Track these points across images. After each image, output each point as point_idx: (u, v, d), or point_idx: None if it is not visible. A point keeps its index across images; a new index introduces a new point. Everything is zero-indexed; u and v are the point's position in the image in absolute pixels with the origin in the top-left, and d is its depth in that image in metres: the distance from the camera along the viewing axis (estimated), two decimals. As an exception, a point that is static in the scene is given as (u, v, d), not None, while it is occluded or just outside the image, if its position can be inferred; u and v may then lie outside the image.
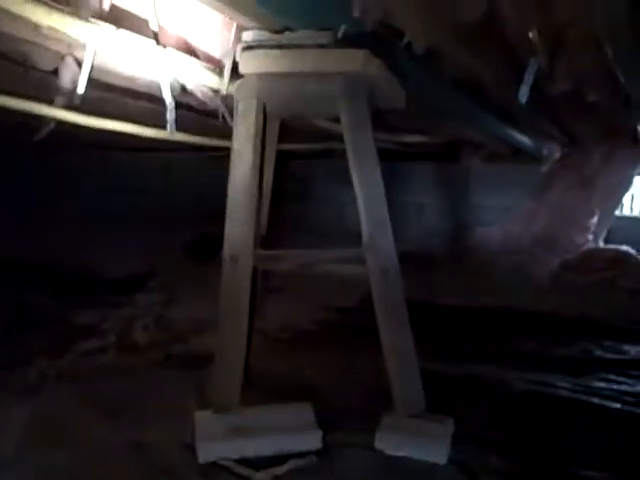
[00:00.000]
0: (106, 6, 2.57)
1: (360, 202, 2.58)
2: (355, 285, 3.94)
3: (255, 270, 2.75)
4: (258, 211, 2.74)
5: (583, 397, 3.23)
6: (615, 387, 3.38)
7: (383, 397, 2.65)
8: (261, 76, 2.56)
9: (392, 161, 6.41)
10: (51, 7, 2.40)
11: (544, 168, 6.56)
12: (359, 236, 2.64)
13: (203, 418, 2.58)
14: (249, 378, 2.83)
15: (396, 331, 2.60)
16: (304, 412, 2.66)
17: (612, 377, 3.52)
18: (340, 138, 2.71)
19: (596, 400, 3.20)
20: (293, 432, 2.54)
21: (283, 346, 3.96)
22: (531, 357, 3.84)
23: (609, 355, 3.97)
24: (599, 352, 4.01)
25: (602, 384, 3.42)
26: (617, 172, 6.25)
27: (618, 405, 3.15)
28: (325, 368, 3.52)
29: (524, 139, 5.71)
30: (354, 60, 2.49)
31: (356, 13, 2.42)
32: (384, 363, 2.62)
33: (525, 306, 4.88)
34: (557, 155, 6.60)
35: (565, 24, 2.63)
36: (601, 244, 6.31)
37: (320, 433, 2.53)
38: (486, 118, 4.58)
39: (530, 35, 2.58)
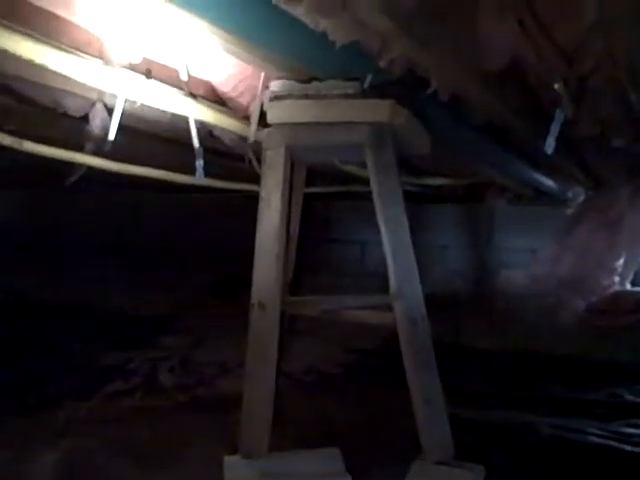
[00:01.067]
0: (137, 59, 2.63)
1: (387, 250, 2.59)
2: (380, 327, 3.95)
3: (282, 314, 2.77)
4: (286, 257, 2.76)
5: (614, 444, 3.19)
6: (647, 434, 3.34)
7: (411, 441, 2.64)
8: (289, 126, 2.60)
9: (416, 203, 6.44)
10: (83, 59, 2.47)
11: (569, 211, 6.54)
12: (382, 276, 2.65)
13: (232, 463, 2.58)
14: (275, 422, 2.83)
15: (425, 379, 2.59)
16: (333, 458, 2.65)
17: (643, 423, 3.48)
18: (365, 181, 2.73)
19: (628, 447, 3.16)
20: (322, 478, 2.54)
21: (308, 389, 3.96)
22: (559, 402, 3.80)
23: (639, 400, 3.92)
24: (629, 397, 3.96)
25: (633, 430, 3.37)
26: (643, 214, 6.23)
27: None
28: (351, 412, 3.51)
29: (549, 182, 5.70)
30: (381, 110, 2.53)
31: (382, 64, 2.46)
32: (411, 406, 2.62)
33: (552, 349, 4.84)
34: (582, 198, 6.59)
35: (589, 73, 2.66)
36: (628, 286, 6.26)
37: (349, 479, 2.52)
38: (510, 162, 4.59)
39: (556, 86, 2.60)
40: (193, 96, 2.90)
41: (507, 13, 2.29)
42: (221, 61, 2.79)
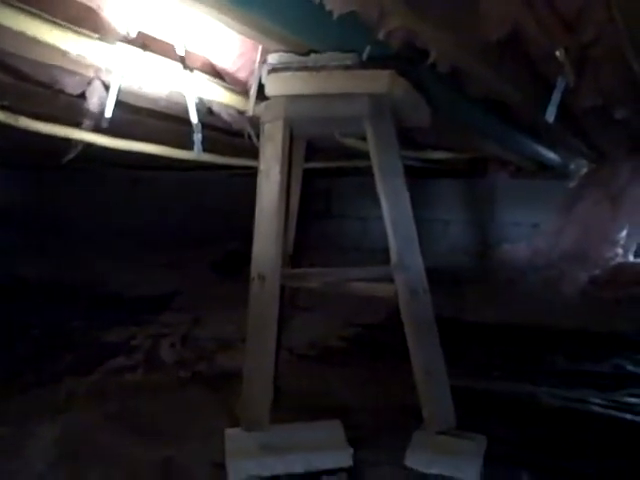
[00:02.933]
0: (133, 32, 2.61)
1: (387, 222, 2.58)
2: (382, 301, 3.96)
3: (283, 288, 2.78)
4: (285, 230, 2.75)
5: (616, 413, 3.20)
6: (647, 402, 3.35)
7: (413, 414, 2.65)
8: (287, 98, 2.59)
9: (418, 178, 6.42)
10: (79, 33, 2.45)
11: (572, 183, 6.53)
12: (384, 251, 2.65)
13: (233, 436, 2.59)
14: (278, 396, 2.84)
15: (426, 350, 2.60)
16: (334, 430, 2.66)
17: (644, 393, 3.48)
18: (365, 155, 2.72)
19: (629, 416, 3.17)
20: (324, 450, 2.54)
21: (311, 363, 3.97)
22: (562, 373, 3.81)
23: (640, 370, 3.93)
24: (630, 367, 3.97)
25: (635, 400, 3.38)
26: (645, 186, 6.21)
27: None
28: (354, 385, 3.52)
29: (551, 155, 5.69)
30: (379, 81, 2.51)
31: (380, 35, 2.44)
32: (413, 380, 2.62)
33: (554, 322, 4.85)
34: (584, 170, 6.57)
35: (591, 42, 2.63)
36: (631, 258, 6.27)
37: (351, 451, 2.52)
38: (512, 135, 4.57)
39: (557, 54, 2.58)
40: (190, 71, 2.88)
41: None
42: (218, 35, 2.77)
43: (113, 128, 3.58)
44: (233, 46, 2.87)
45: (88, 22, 2.57)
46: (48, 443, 2.72)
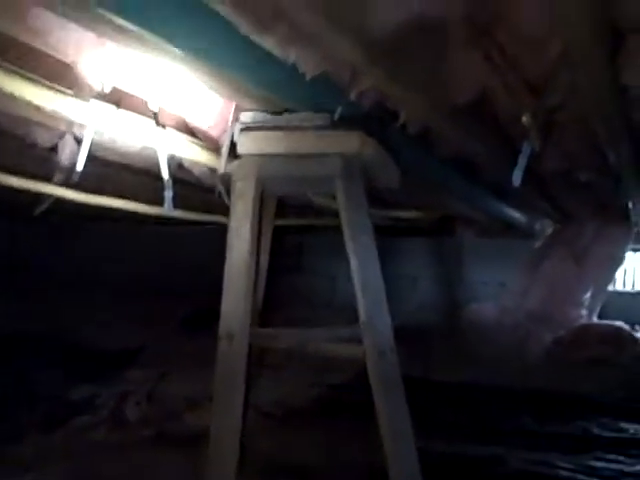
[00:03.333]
0: (107, 88, 2.63)
1: (356, 281, 2.58)
2: (349, 361, 3.94)
3: (251, 347, 2.75)
4: (255, 288, 2.74)
5: (583, 478, 3.19)
6: (614, 467, 3.34)
7: (377, 478, 2.62)
8: (259, 157, 2.60)
9: (386, 236, 6.46)
10: (54, 90, 2.46)
11: (537, 243, 6.61)
12: (353, 309, 2.64)
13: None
14: (243, 455, 2.79)
15: (393, 412, 2.57)
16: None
17: (611, 456, 3.48)
18: (335, 213, 2.73)
19: (596, 481, 3.17)
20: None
21: (275, 423, 3.92)
22: (528, 435, 3.80)
23: (606, 434, 3.93)
24: (596, 430, 3.97)
25: (601, 464, 3.37)
26: (609, 247, 6.29)
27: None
28: (317, 447, 3.48)
29: (517, 215, 5.77)
30: (350, 141, 2.54)
31: (352, 96, 2.48)
32: (378, 442, 2.59)
33: (520, 383, 4.85)
34: (550, 230, 6.66)
35: (557, 106, 2.69)
36: (595, 319, 6.31)
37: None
38: (480, 195, 4.64)
39: (523, 119, 2.63)
40: (163, 127, 2.90)
41: (475, 47, 2.32)
42: (192, 93, 2.80)
43: (84, 182, 3.58)
44: (206, 104, 2.90)
45: (63, 77, 2.59)
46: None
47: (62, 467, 3.06)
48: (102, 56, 2.42)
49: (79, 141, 3.16)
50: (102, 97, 2.67)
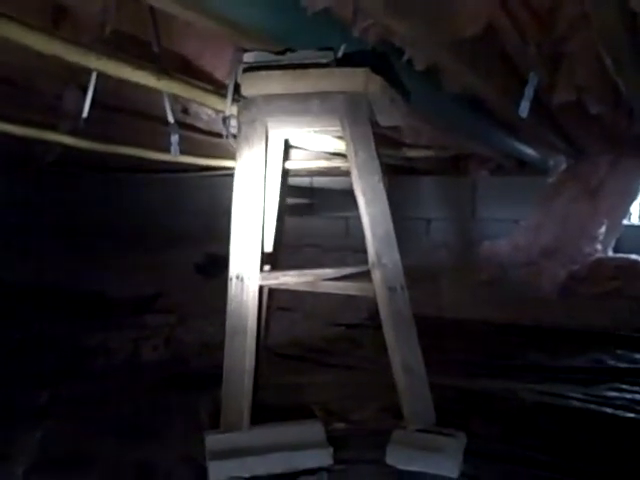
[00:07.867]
0: (108, 31, 2.60)
1: (364, 220, 2.58)
2: (363, 301, 3.96)
3: (261, 289, 2.77)
4: (263, 230, 2.74)
5: (595, 407, 3.21)
6: (628, 396, 3.35)
7: (393, 413, 2.65)
8: (263, 97, 2.58)
9: (398, 176, 6.44)
10: (53, 35, 2.44)
11: (550, 179, 6.56)
12: (366, 251, 2.64)
13: (214, 437, 2.57)
14: (259, 396, 2.83)
15: (405, 348, 2.60)
16: (314, 429, 2.65)
17: (624, 386, 3.49)
18: (344, 155, 2.72)
19: (609, 410, 3.18)
20: (304, 449, 2.53)
21: (292, 363, 3.96)
22: (542, 369, 3.82)
23: (620, 364, 3.95)
24: (611, 362, 3.99)
25: (614, 393, 3.39)
26: (623, 181, 6.22)
27: (632, 415, 3.13)
28: (334, 385, 3.52)
29: (529, 151, 5.71)
30: (355, 79, 2.51)
31: (356, 33, 2.44)
32: (393, 378, 2.62)
33: (534, 319, 4.87)
34: (563, 166, 6.60)
35: (564, 37, 2.65)
36: (610, 253, 6.29)
37: (331, 450, 2.52)
38: (490, 132, 4.59)
39: (530, 50, 2.59)
40: (166, 71, 2.87)
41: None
42: (195, 34, 2.77)
43: (91, 129, 3.57)
44: (210, 45, 2.87)
45: (64, 22, 2.56)
46: (32, 447, 2.70)
47: (80, 411, 3.10)
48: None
49: (84, 88, 3.14)
50: (103, 41, 2.65)
